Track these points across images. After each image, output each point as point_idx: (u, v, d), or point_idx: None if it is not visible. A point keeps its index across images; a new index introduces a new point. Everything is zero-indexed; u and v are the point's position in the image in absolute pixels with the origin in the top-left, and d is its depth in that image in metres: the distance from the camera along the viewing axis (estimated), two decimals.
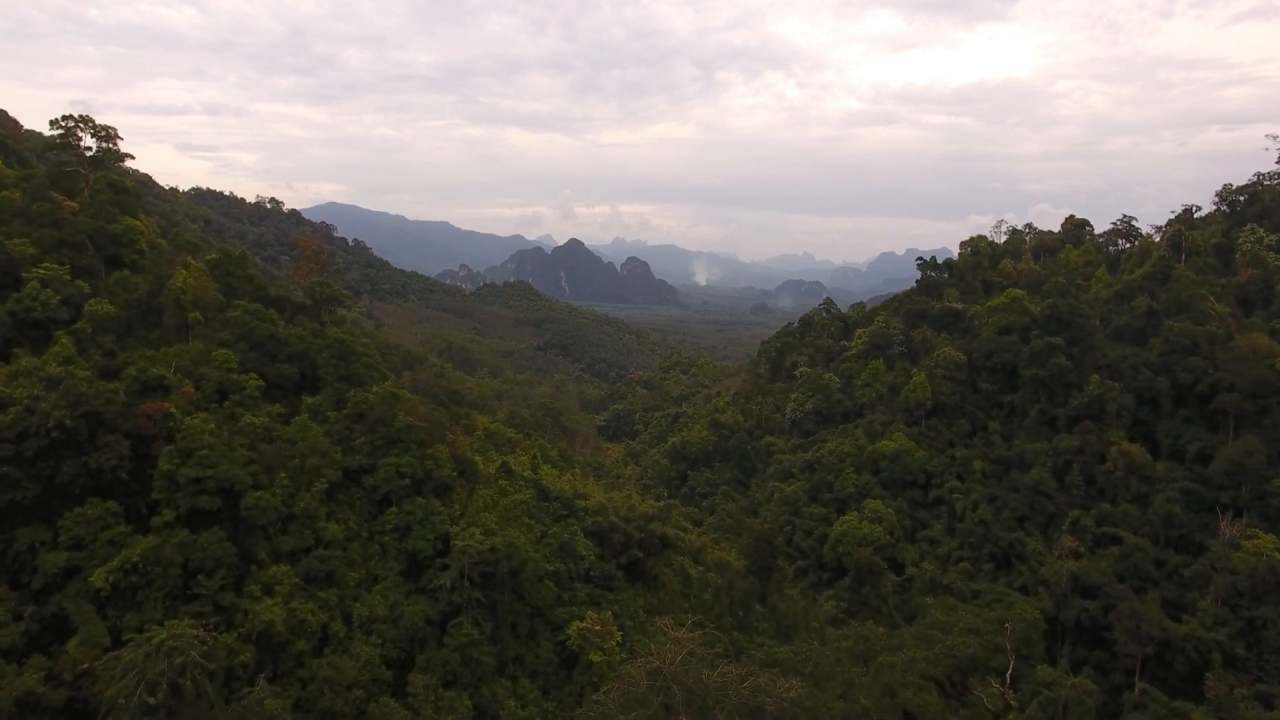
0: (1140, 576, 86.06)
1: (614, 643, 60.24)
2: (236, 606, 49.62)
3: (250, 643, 47.86)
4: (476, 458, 77.73)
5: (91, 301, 61.37)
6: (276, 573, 52.51)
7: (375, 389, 68.35)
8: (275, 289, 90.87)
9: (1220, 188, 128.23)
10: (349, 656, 51.88)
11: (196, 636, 40.93)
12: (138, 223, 73.27)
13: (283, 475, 57.00)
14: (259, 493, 53.64)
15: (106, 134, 73.78)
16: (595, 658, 58.93)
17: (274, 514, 54.51)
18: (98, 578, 45.42)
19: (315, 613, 52.20)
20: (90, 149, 74.54)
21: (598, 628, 59.87)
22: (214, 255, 78.60)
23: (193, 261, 72.69)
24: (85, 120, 71.85)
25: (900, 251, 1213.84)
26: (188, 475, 50.43)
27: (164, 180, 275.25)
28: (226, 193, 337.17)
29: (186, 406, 56.85)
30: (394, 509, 61.81)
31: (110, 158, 75.91)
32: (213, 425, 54.68)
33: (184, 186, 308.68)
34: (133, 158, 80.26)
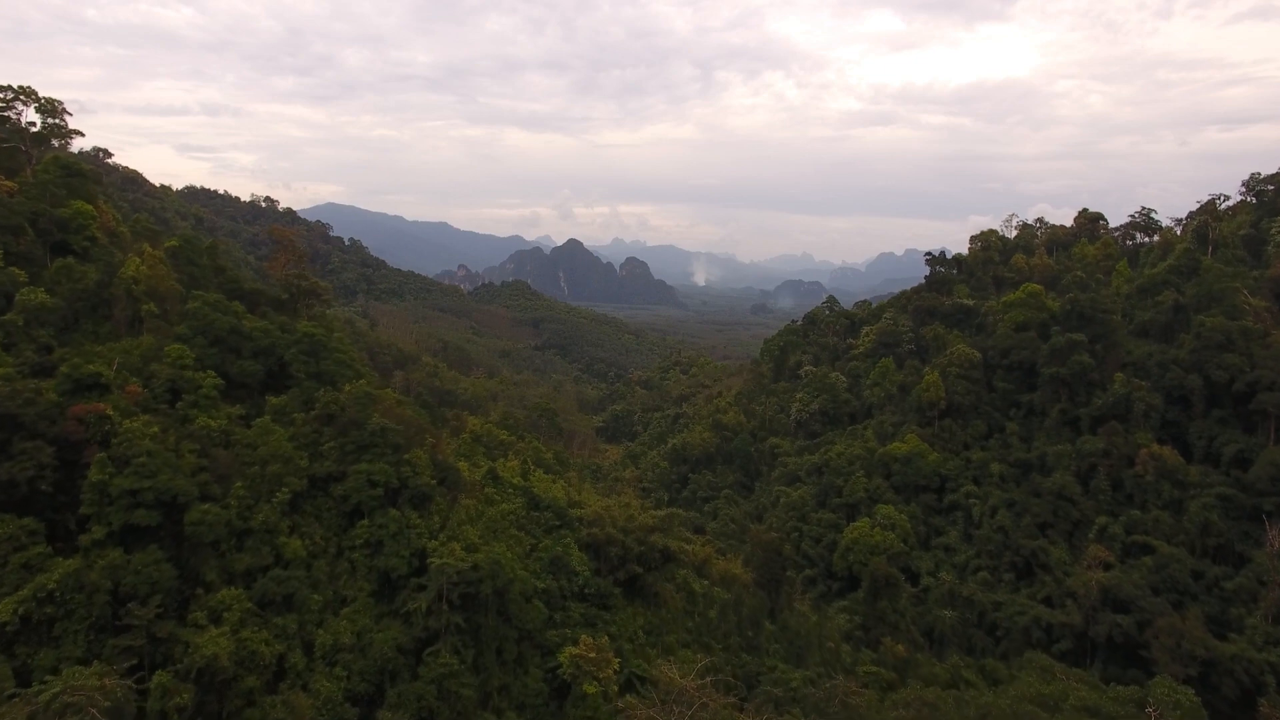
0: (1177, 589, 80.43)
1: (610, 671, 53.98)
2: (176, 637, 43.15)
3: (189, 681, 41.36)
4: (462, 463, 71.57)
5: (24, 290, 54.65)
6: (226, 597, 46.12)
7: (348, 387, 62.05)
8: (256, 283, 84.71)
9: (1248, 177, 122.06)
10: (307, 693, 45.50)
11: (101, 687, 34.21)
12: (89, 207, 66.72)
13: (239, 485, 50.78)
14: (207, 505, 47.26)
15: (52, 108, 66.79)
16: (590, 689, 52.66)
17: (225, 529, 48.20)
18: (3, 609, 38.92)
19: (270, 642, 45.82)
20: (34, 125, 67.56)
21: (593, 654, 53.60)
22: (173, 242, 72.02)
23: (149, 249, 66.29)
24: (26, 91, 64.86)
25: (899, 252, 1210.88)
26: (122, 486, 44.06)
27: (163, 181, 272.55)
28: (221, 192, 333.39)
29: (129, 408, 50.42)
30: (365, 521, 55.47)
31: (56, 134, 68.87)
32: (156, 429, 48.33)
33: (181, 186, 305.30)
34: (82, 134, 73.53)
